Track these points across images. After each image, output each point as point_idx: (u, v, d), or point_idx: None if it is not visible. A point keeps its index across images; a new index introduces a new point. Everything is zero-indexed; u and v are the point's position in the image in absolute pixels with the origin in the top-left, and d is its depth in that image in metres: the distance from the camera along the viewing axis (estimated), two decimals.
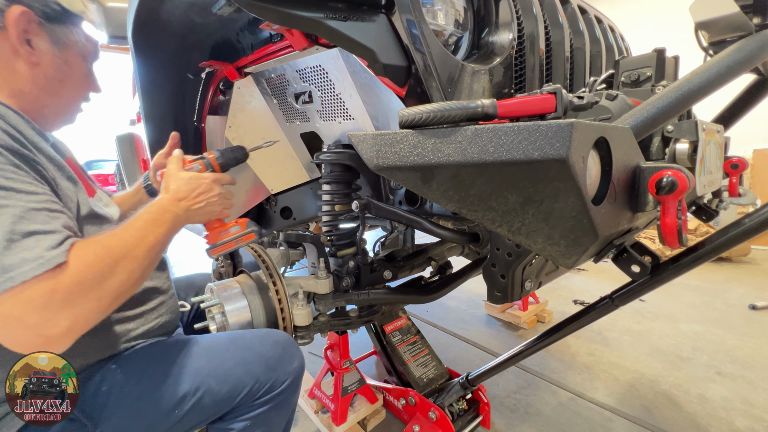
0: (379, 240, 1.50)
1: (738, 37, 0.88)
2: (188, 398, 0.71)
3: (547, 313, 2.43)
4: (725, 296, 2.72)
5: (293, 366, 0.83)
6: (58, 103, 0.78)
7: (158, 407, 0.70)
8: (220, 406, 0.75)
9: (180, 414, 0.71)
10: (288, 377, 0.81)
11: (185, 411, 0.71)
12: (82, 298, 0.55)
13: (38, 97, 0.74)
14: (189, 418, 0.72)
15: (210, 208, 0.81)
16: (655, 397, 1.62)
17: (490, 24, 0.95)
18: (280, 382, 0.80)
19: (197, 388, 0.72)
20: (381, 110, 0.96)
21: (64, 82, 0.76)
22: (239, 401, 0.76)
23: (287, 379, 0.81)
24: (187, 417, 0.72)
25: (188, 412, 0.71)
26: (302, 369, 0.86)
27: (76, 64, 0.78)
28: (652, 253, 0.71)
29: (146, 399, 0.69)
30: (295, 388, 0.84)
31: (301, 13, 0.74)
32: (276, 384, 0.79)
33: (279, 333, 0.88)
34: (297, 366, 0.84)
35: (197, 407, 0.72)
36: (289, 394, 0.82)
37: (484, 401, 1.44)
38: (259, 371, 0.78)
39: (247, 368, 0.77)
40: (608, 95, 0.86)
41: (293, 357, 0.85)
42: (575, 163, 0.49)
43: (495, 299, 0.82)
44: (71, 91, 0.79)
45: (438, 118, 0.60)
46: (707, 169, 0.80)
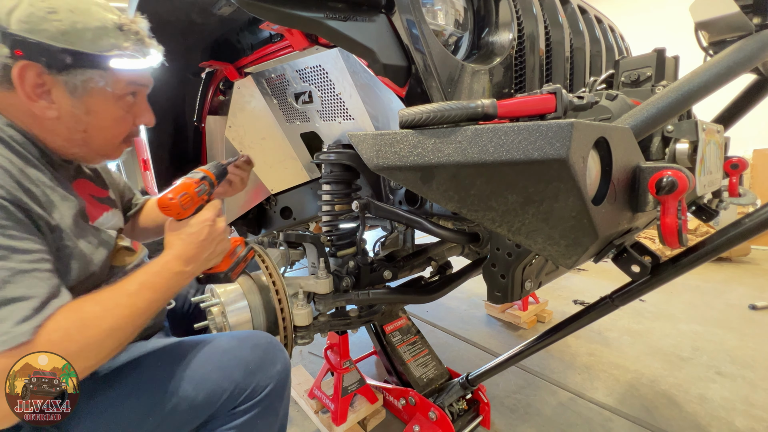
0: (379, 240, 1.50)
1: (738, 37, 0.88)
2: (162, 405, 0.68)
3: (547, 313, 2.43)
4: (725, 296, 2.72)
5: (275, 369, 0.78)
6: (86, 152, 0.74)
7: (131, 414, 0.67)
8: (198, 412, 0.71)
9: (155, 421, 0.67)
10: (270, 381, 0.76)
11: (160, 418, 0.68)
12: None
13: (63, 147, 0.72)
14: (165, 425, 0.69)
15: (220, 249, 0.77)
16: (655, 397, 1.62)
17: (490, 24, 0.96)
18: (261, 386, 0.75)
19: (172, 393, 0.68)
20: (381, 110, 0.96)
21: (89, 132, 0.72)
22: (219, 408, 0.72)
23: (269, 384, 0.76)
24: (163, 425, 0.69)
25: (164, 419, 0.68)
26: (286, 373, 0.81)
27: (102, 109, 0.71)
28: (652, 253, 0.71)
29: (118, 406, 0.66)
30: (280, 393, 0.79)
31: (301, 13, 0.74)
32: (257, 389, 0.75)
33: (260, 335, 0.83)
34: (280, 369, 0.79)
35: (173, 414, 0.69)
36: (274, 400, 0.77)
37: (484, 401, 1.44)
38: (238, 375, 0.73)
39: (225, 372, 0.73)
40: (608, 95, 0.86)
41: (275, 360, 0.79)
42: (575, 163, 0.49)
43: (495, 299, 0.82)
44: (99, 139, 0.74)
45: (438, 118, 0.60)
46: (707, 169, 0.80)
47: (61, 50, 0.63)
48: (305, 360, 2.01)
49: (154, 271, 0.68)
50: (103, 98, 0.71)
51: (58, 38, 0.63)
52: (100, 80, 0.69)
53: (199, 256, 0.73)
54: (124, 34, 0.69)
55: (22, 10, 0.60)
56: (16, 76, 0.62)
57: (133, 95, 0.76)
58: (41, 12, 0.61)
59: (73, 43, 0.64)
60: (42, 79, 0.64)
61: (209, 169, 0.81)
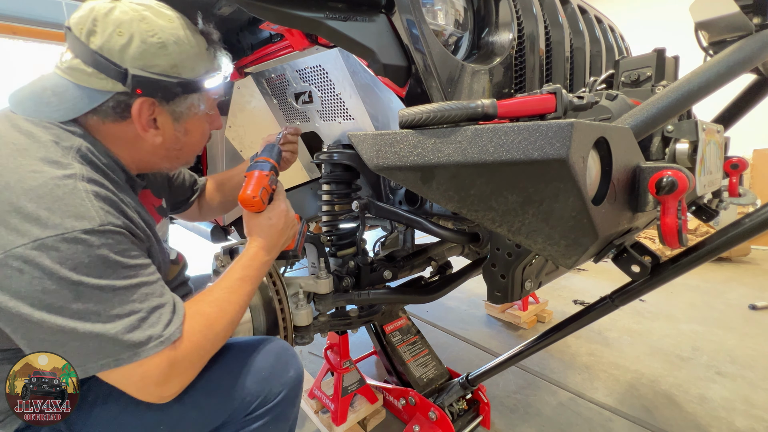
0: (379, 240, 1.50)
1: (738, 37, 0.88)
2: (173, 413, 0.67)
3: (547, 313, 2.43)
4: (725, 296, 2.71)
5: (288, 376, 0.77)
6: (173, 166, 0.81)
7: (141, 420, 0.67)
8: (208, 420, 0.71)
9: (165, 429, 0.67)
10: (283, 389, 0.75)
11: (170, 427, 0.68)
12: (191, 369, 0.64)
13: (156, 164, 0.77)
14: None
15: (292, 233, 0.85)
16: (655, 397, 1.62)
17: (490, 24, 0.95)
18: (274, 394, 0.74)
19: (183, 402, 0.67)
20: (381, 110, 0.96)
21: (183, 149, 0.78)
22: (230, 415, 0.72)
23: (282, 391, 0.75)
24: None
25: (173, 426, 0.68)
26: (299, 380, 0.80)
27: (196, 128, 0.77)
28: (652, 253, 0.71)
29: (130, 411, 0.66)
30: (292, 400, 0.78)
31: (301, 13, 0.74)
32: (270, 396, 0.74)
33: (273, 340, 0.82)
34: (293, 376, 0.78)
35: (183, 422, 0.69)
36: (286, 407, 0.77)
37: (484, 401, 1.44)
38: (250, 383, 0.73)
39: (236, 380, 0.72)
40: (608, 95, 0.86)
41: (288, 366, 0.78)
42: (575, 163, 0.49)
43: (495, 299, 0.82)
44: (190, 153, 0.82)
45: (438, 118, 0.60)
46: (707, 169, 0.80)
47: (172, 83, 0.68)
48: (305, 360, 2.01)
49: (247, 264, 0.76)
50: (198, 118, 0.76)
51: (169, 71, 0.67)
52: (199, 103, 0.74)
53: (278, 244, 0.81)
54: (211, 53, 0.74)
55: (135, 48, 0.63)
56: (136, 113, 0.66)
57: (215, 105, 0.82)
58: (153, 48, 0.64)
59: (180, 73, 0.68)
60: (155, 112, 0.69)
61: (271, 157, 0.84)
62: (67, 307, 0.52)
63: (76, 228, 0.53)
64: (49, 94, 0.63)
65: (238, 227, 1.69)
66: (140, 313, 0.57)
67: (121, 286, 0.56)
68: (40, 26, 4.06)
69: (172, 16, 0.69)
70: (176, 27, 0.68)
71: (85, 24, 0.62)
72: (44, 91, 0.64)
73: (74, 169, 0.57)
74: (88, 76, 0.63)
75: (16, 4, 3.93)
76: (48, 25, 4.10)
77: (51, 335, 0.53)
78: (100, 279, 0.54)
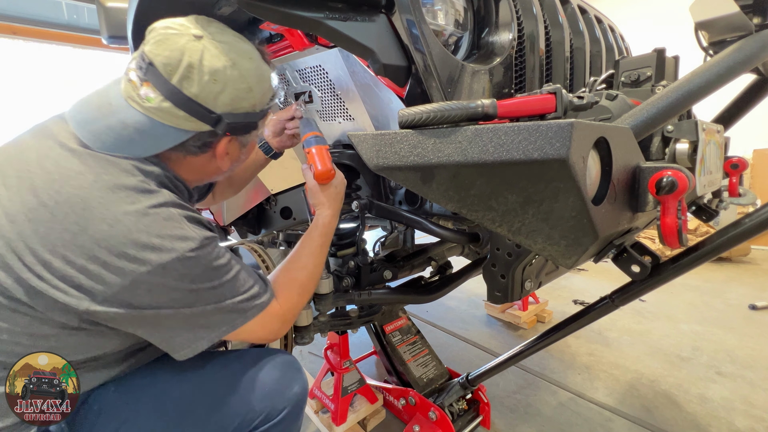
0: (379, 240, 1.50)
1: (738, 37, 0.88)
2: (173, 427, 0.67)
3: (547, 313, 2.43)
4: (725, 296, 2.72)
5: (292, 392, 0.76)
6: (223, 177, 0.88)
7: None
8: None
9: None
10: (287, 405, 0.74)
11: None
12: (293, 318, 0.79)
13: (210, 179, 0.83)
14: None
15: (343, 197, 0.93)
16: (655, 397, 1.62)
17: (490, 24, 0.95)
18: (277, 410, 0.73)
19: (183, 415, 0.68)
20: (381, 110, 0.96)
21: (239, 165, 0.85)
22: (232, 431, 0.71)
23: (286, 407, 0.74)
24: None
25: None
26: (304, 395, 0.78)
27: (252, 146, 0.84)
28: (652, 253, 0.71)
29: (131, 424, 0.66)
30: (296, 416, 0.77)
31: (301, 13, 0.74)
32: (273, 413, 0.72)
33: (278, 354, 0.81)
34: (297, 392, 0.76)
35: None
36: (290, 423, 0.75)
37: (484, 401, 1.44)
38: (253, 398, 0.71)
39: (239, 395, 0.71)
40: (608, 95, 0.86)
41: (292, 382, 0.77)
42: (575, 163, 0.49)
43: (495, 299, 0.82)
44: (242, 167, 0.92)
45: (438, 118, 0.60)
46: (707, 169, 0.80)
47: (253, 122, 0.74)
48: (305, 360, 2.01)
49: (324, 232, 0.86)
50: (256, 138, 0.83)
51: (251, 110, 0.72)
52: (262, 126, 0.79)
53: (340, 208, 0.91)
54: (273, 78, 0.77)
55: (228, 95, 0.67)
56: (221, 151, 0.73)
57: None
58: (242, 93, 0.68)
59: (258, 109, 0.73)
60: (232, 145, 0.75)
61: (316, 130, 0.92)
62: (202, 299, 0.64)
63: (185, 249, 0.61)
64: (131, 131, 0.64)
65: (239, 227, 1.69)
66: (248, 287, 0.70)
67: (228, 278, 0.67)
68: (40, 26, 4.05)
69: (251, 52, 0.71)
70: (257, 65, 0.71)
71: (176, 68, 0.63)
72: (125, 128, 0.64)
73: (164, 197, 0.63)
74: (178, 118, 0.65)
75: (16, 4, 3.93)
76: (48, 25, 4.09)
77: (205, 317, 0.65)
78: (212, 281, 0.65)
